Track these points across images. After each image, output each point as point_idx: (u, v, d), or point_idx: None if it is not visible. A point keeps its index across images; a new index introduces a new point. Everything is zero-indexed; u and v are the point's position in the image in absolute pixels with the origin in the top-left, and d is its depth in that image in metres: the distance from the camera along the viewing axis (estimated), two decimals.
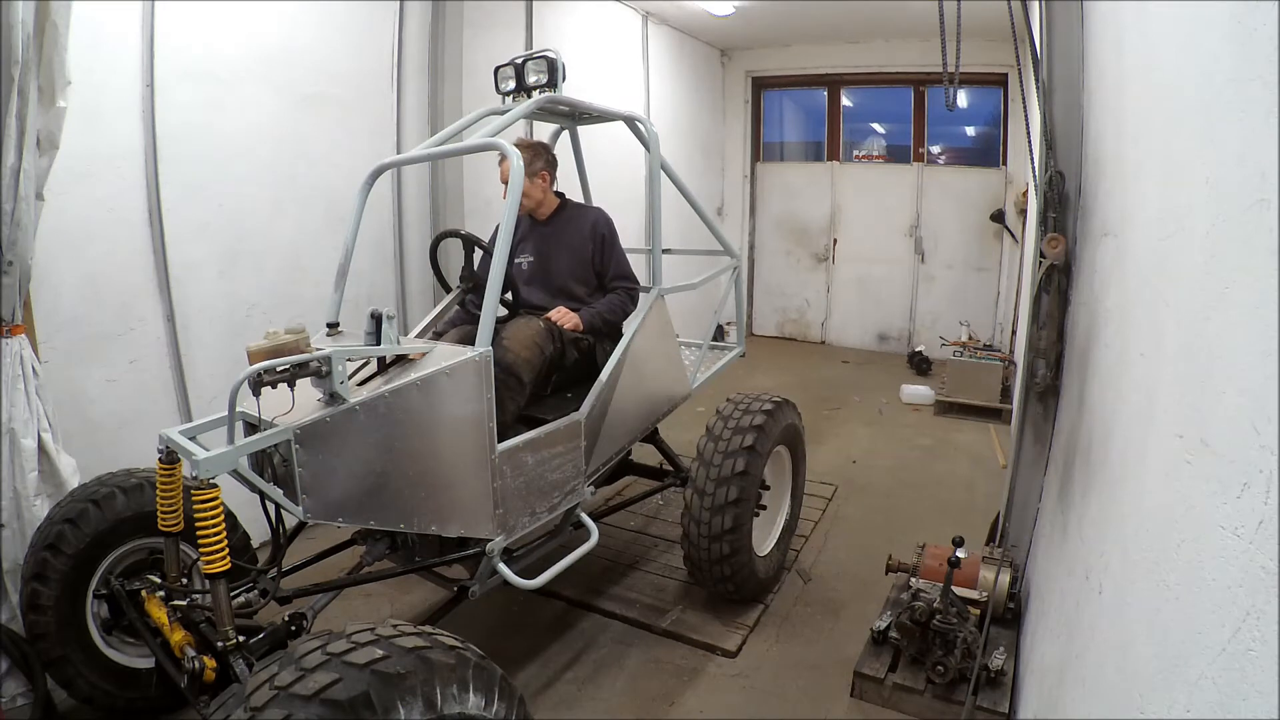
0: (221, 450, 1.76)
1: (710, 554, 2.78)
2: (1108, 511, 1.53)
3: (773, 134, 8.73)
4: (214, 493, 1.73)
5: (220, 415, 1.96)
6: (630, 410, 2.84)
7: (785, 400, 3.13)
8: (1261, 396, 0.79)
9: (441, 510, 2.13)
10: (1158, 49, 1.48)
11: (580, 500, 2.64)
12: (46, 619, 2.16)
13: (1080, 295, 2.36)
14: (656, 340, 2.95)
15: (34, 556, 2.18)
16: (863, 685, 2.53)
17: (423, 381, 2.03)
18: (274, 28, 3.38)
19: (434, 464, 2.10)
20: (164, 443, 2.00)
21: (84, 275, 2.80)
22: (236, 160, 3.28)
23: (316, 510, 1.89)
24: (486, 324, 2.15)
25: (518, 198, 2.28)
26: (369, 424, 1.95)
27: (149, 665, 2.32)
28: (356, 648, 1.37)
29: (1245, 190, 0.89)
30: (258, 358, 1.84)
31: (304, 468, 1.84)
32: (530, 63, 2.65)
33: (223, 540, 1.76)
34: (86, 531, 2.19)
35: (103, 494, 2.24)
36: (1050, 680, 1.83)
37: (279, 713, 1.24)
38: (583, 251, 2.92)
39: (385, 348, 2.08)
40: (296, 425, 1.83)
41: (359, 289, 3.95)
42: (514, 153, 2.24)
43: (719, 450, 2.81)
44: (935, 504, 4.21)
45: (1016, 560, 2.83)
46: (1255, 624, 0.75)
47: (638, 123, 2.99)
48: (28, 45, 2.16)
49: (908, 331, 8.01)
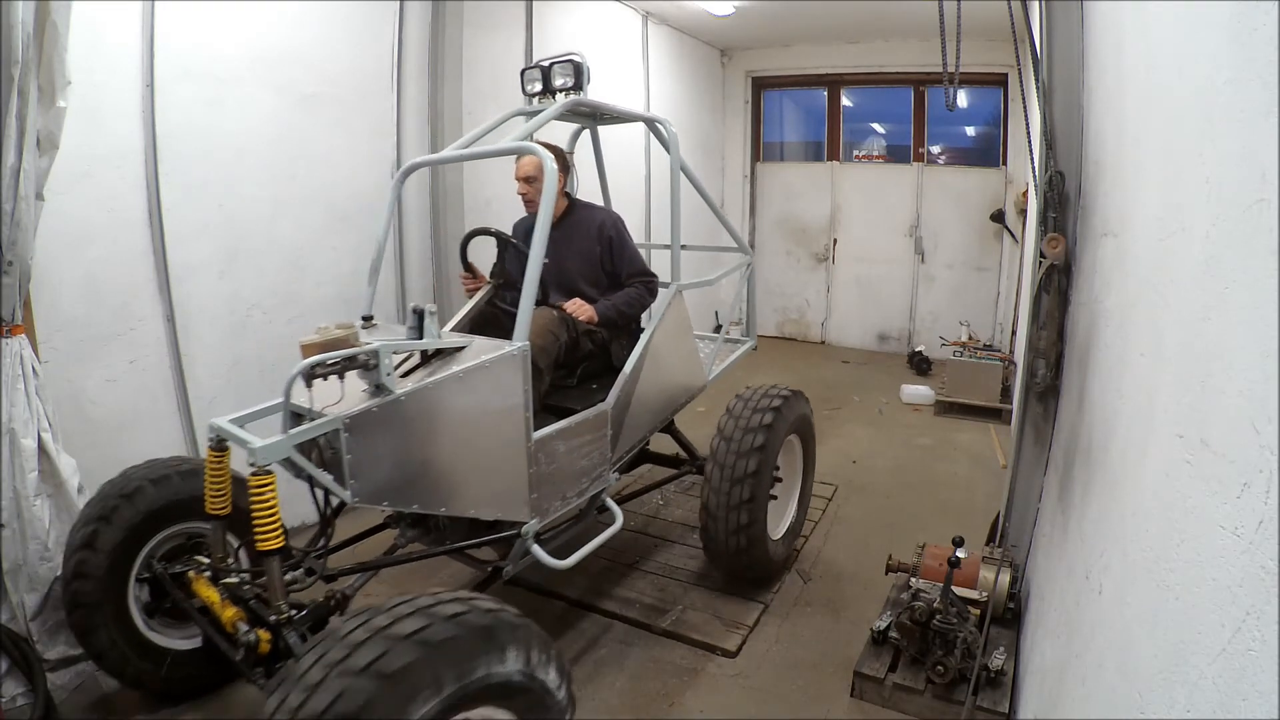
0: (276, 438, 1.88)
1: (728, 524, 2.88)
2: (1108, 511, 1.53)
3: (773, 134, 8.73)
4: (269, 477, 1.86)
5: (267, 405, 2.13)
6: (652, 400, 2.96)
7: (798, 391, 3.26)
8: (1261, 396, 0.79)
9: (480, 495, 2.25)
10: (1158, 49, 1.48)
11: (606, 486, 2.76)
12: (91, 604, 2.25)
13: (1080, 295, 2.36)
14: (676, 334, 3.06)
15: (72, 557, 2.27)
16: (863, 685, 2.53)
17: (464, 374, 2.14)
18: (274, 28, 3.38)
19: (474, 451, 2.21)
20: (214, 431, 2.09)
21: (84, 275, 2.80)
22: (236, 160, 3.28)
23: (363, 494, 1.99)
24: (523, 319, 2.25)
25: (553, 199, 2.35)
26: (413, 414, 2.06)
27: (189, 646, 2.44)
28: (398, 620, 1.44)
29: (1245, 190, 0.89)
30: (310, 351, 1.97)
31: (352, 454, 1.95)
32: (557, 66, 2.73)
33: (277, 520, 1.89)
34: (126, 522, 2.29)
35: (131, 487, 2.33)
36: (1050, 680, 1.83)
37: (333, 689, 1.32)
38: (590, 253, 2.99)
39: (428, 341, 2.19)
40: (346, 415, 1.94)
41: (359, 288, 3.93)
42: (548, 156, 2.34)
43: (739, 427, 2.95)
44: (935, 504, 4.21)
45: (1016, 560, 2.83)
46: (1255, 624, 0.75)
47: (658, 124, 3.07)
48: (28, 45, 2.16)
49: (908, 331, 8.02)
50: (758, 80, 8.40)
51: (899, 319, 8.06)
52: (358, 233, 3.91)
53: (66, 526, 2.52)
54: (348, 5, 3.71)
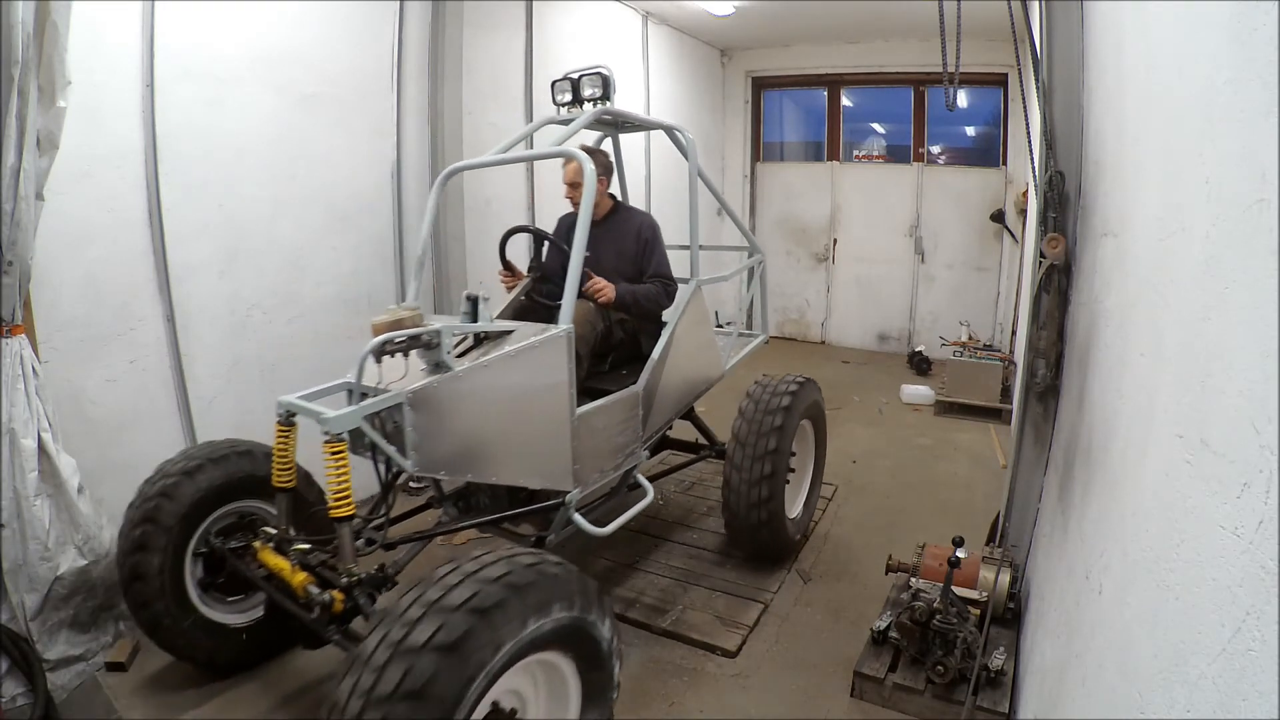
0: (348, 409, 2.02)
1: (750, 499, 3.10)
2: (1108, 511, 1.53)
3: (773, 134, 8.73)
4: (342, 446, 2.01)
5: (329, 384, 2.31)
6: (676, 385, 3.18)
7: (810, 379, 3.52)
8: (1261, 396, 0.79)
9: (529, 465, 2.43)
10: (1158, 49, 1.48)
11: (638, 462, 2.97)
12: (150, 576, 2.35)
13: (1080, 295, 2.36)
14: (696, 326, 3.27)
15: (131, 531, 2.36)
16: (863, 685, 2.53)
17: (516, 353, 2.32)
18: (274, 28, 3.38)
19: (523, 425, 2.39)
20: (283, 407, 2.23)
21: (84, 275, 2.80)
22: (236, 160, 3.28)
23: (423, 464, 2.16)
24: (568, 306, 2.45)
25: (592, 199, 2.54)
26: (470, 390, 2.24)
27: (239, 622, 2.58)
28: (448, 590, 1.57)
29: (1245, 190, 0.89)
30: (380, 330, 2.13)
31: (413, 428, 2.11)
32: (586, 78, 2.93)
33: (349, 488, 2.04)
34: (187, 498, 2.40)
35: (193, 465, 2.46)
36: (1050, 680, 1.83)
37: (399, 667, 1.45)
38: (627, 250, 3.20)
39: (482, 324, 2.39)
40: (409, 390, 2.10)
41: (359, 288, 3.96)
42: (587, 160, 2.52)
43: (759, 409, 3.20)
44: (935, 504, 4.21)
45: (1016, 560, 2.83)
46: (1255, 624, 0.75)
47: (677, 132, 3.25)
48: (28, 45, 2.16)
49: (908, 331, 8.02)
50: (758, 80, 8.40)
51: (899, 319, 8.06)
52: (358, 233, 3.92)
53: (66, 526, 2.53)
54: (348, 5, 3.71)
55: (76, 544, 2.54)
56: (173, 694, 2.54)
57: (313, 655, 2.49)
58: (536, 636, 1.65)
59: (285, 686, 2.61)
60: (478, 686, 1.53)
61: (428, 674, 1.45)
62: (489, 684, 1.56)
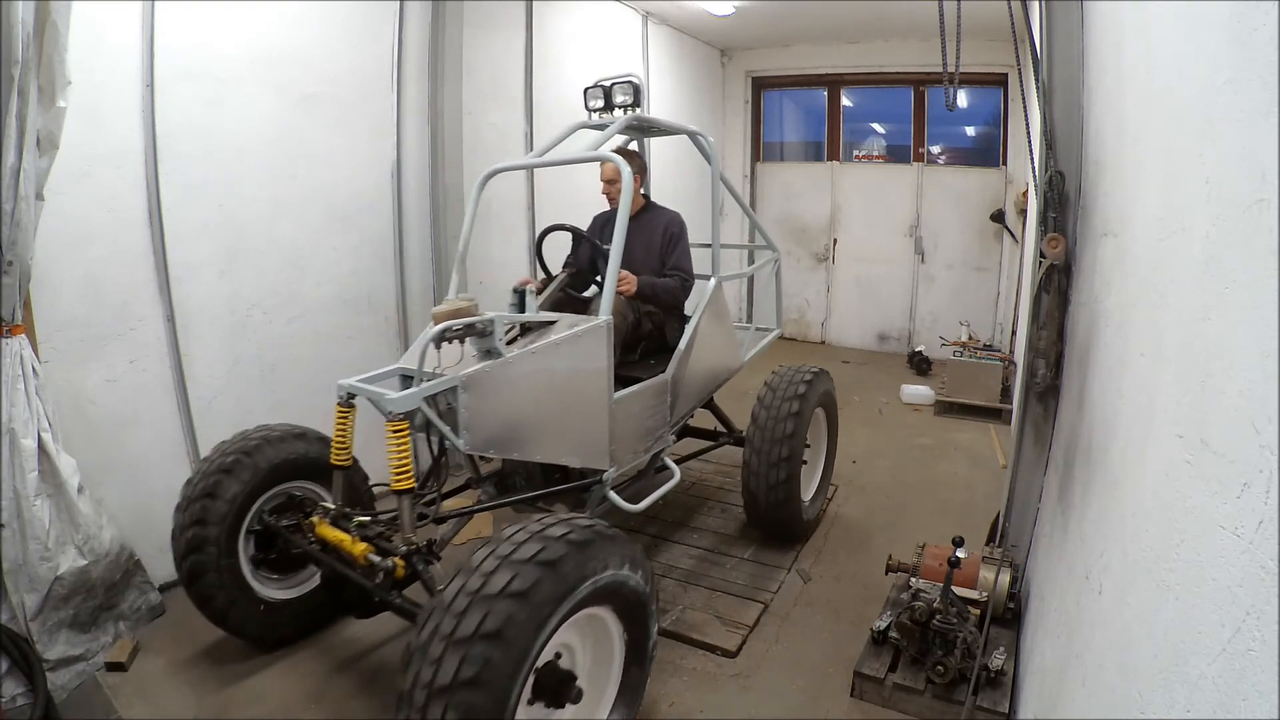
0: (410, 391, 2.19)
1: (768, 481, 3.31)
2: (1108, 511, 1.53)
3: (773, 134, 8.73)
4: (405, 425, 2.19)
5: (383, 369, 2.50)
6: (700, 375, 3.38)
7: (824, 370, 3.73)
8: (1261, 396, 0.79)
9: (570, 445, 2.63)
10: (1158, 49, 1.48)
11: (666, 446, 3.20)
12: (207, 548, 2.46)
13: (1080, 295, 2.36)
14: (717, 319, 3.47)
15: (191, 505, 2.48)
16: (863, 685, 2.53)
17: (560, 341, 2.51)
18: (274, 28, 3.37)
19: (566, 408, 2.58)
20: (344, 390, 2.37)
21: (84, 275, 2.80)
22: (236, 160, 3.28)
23: (474, 443, 2.34)
24: (608, 299, 2.65)
25: (629, 200, 2.73)
26: (518, 375, 2.42)
27: (287, 596, 2.75)
28: (519, 546, 1.76)
29: (1245, 190, 0.89)
30: (441, 318, 2.30)
31: (466, 409, 2.29)
32: (618, 85, 3.12)
33: (409, 463, 2.21)
34: (246, 476, 2.53)
35: (251, 445, 2.59)
36: (1050, 680, 1.83)
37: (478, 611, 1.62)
38: (654, 245, 3.41)
39: (529, 315, 2.57)
40: (463, 374, 2.28)
41: (359, 288, 3.96)
42: (625, 165, 2.72)
43: (777, 397, 3.42)
44: (935, 504, 4.21)
45: (1016, 560, 2.83)
46: (1255, 624, 0.75)
47: (700, 138, 3.40)
48: (28, 45, 2.16)
49: (908, 331, 8.01)
50: (758, 80, 8.40)
51: (899, 319, 8.06)
52: (358, 233, 3.92)
53: (66, 526, 2.53)
54: (348, 5, 3.71)
55: (76, 544, 2.54)
56: (173, 694, 2.54)
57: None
58: (593, 590, 1.82)
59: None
60: (546, 631, 1.71)
61: (504, 617, 1.62)
62: (554, 630, 1.74)
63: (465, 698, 1.56)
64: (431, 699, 1.57)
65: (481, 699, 1.58)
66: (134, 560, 2.81)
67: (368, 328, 4.03)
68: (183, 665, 2.68)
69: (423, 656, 1.61)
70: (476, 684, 1.58)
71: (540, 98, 5.01)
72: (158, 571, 3.01)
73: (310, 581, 2.80)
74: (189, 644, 2.79)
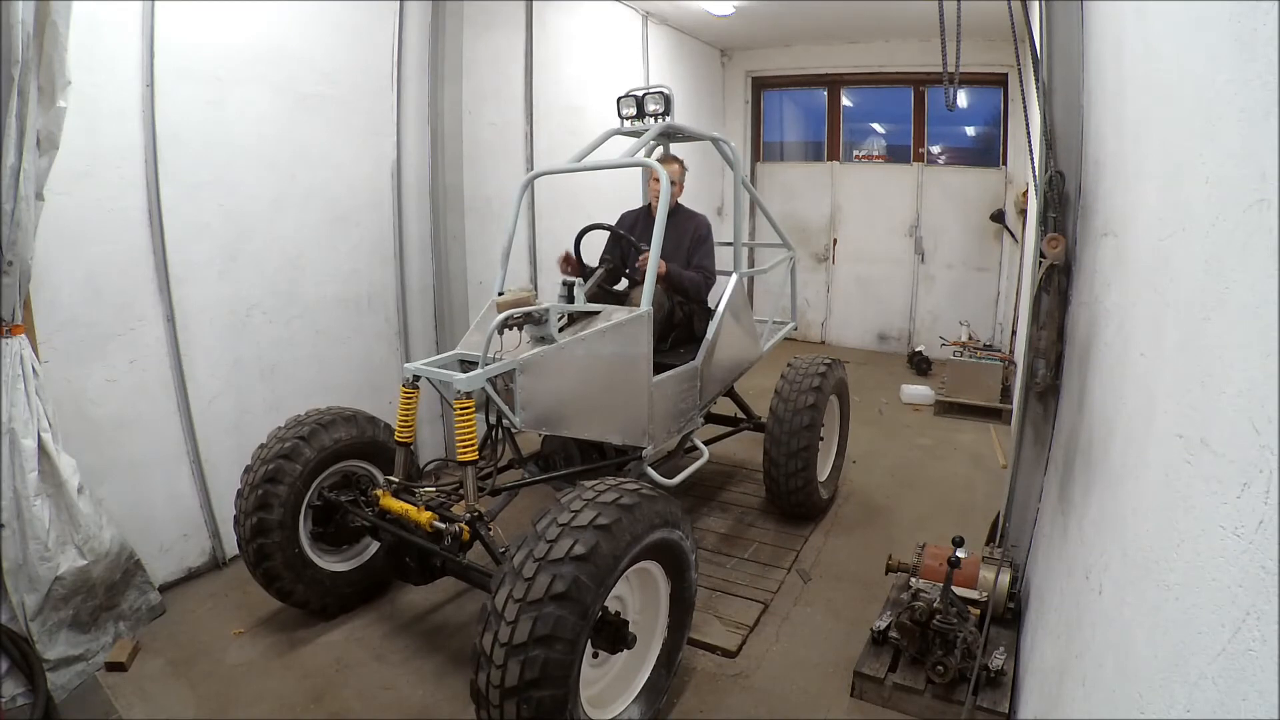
0: (476, 373, 2.40)
1: (788, 467, 3.58)
2: (1108, 511, 1.53)
3: (773, 134, 8.73)
4: (470, 403, 2.41)
5: (445, 355, 2.78)
6: (725, 363, 3.65)
7: (838, 360, 4.03)
8: (1261, 396, 0.79)
9: (613, 423, 2.89)
10: (1158, 49, 1.48)
11: (695, 427, 3.50)
12: (273, 529, 2.65)
13: (1080, 295, 2.36)
14: (740, 312, 3.75)
15: (254, 491, 2.65)
16: (863, 685, 2.53)
17: (606, 329, 2.77)
18: (274, 27, 3.38)
19: (610, 389, 2.83)
20: (409, 373, 2.60)
21: (84, 275, 2.80)
22: (236, 160, 3.28)
23: (528, 421, 2.56)
24: (648, 291, 2.92)
25: (667, 204, 2.97)
26: (568, 359, 2.66)
27: (344, 568, 2.97)
28: (576, 513, 1.96)
29: (1245, 190, 0.89)
30: (505, 307, 2.54)
31: (521, 390, 2.51)
32: (649, 95, 3.37)
33: (474, 437, 2.44)
34: (305, 459, 2.72)
35: (306, 430, 2.78)
36: (1050, 680, 1.83)
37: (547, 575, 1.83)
38: (683, 244, 3.68)
39: (578, 305, 2.84)
40: (521, 358, 2.51)
41: (359, 288, 3.96)
42: (664, 171, 2.99)
43: (794, 389, 3.66)
44: (935, 504, 4.21)
45: (1016, 560, 2.83)
46: (1255, 624, 0.75)
47: (723, 144, 3.65)
48: (28, 45, 2.17)
49: (908, 331, 8.01)
50: (758, 80, 8.40)
51: (899, 319, 8.06)
52: (358, 232, 3.92)
53: (66, 526, 2.53)
54: (348, 5, 3.71)
55: (76, 544, 2.54)
56: (173, 694, 2.54)
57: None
58: (644, 547, 2.06)
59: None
60: (606, 587, 1.92)
61: (570, 578, 1.83)
62: (613, 585, 1.96)
63: (539, 654, 1.79)
64: (510, 656, 1.79)
65: (553, 654, 1.81)
66: (134, 560, 2.81)
67: (368, 327, 4.03)
68: (183, 665, 2.68)
69: (499, 619, 1.82)
70: (549, 640, 1.80)
71: (540, 98, 5.01)
72: (158, 571, 3.01)
73: (364, 554, 3.03)
74: (189, 644, 2.79)
